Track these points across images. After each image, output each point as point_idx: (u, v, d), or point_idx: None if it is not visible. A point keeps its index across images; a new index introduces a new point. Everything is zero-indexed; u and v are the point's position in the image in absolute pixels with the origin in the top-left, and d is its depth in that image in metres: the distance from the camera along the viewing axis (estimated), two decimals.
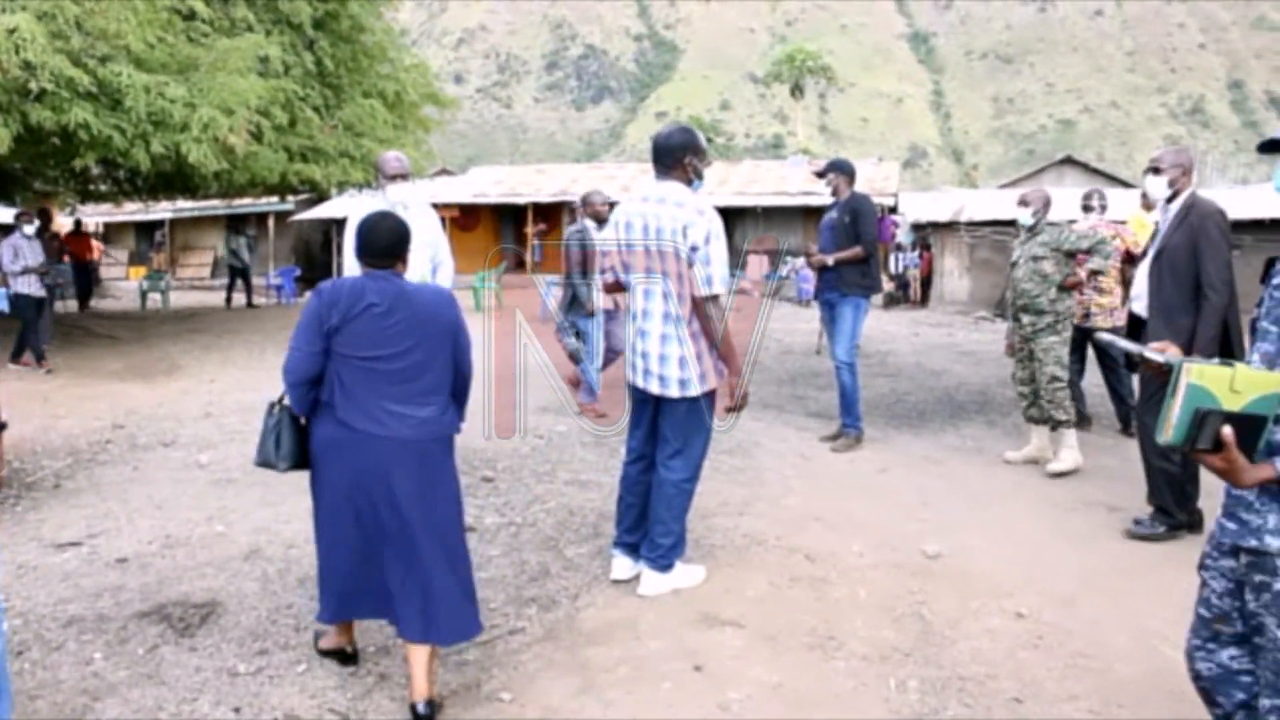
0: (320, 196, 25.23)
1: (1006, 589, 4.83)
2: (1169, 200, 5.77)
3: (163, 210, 29.60)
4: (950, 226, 25.50)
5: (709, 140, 38.38)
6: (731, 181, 31.98)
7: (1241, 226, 22.72)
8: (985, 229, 24.73)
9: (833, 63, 64.60)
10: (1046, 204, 7.41)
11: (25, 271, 11.96)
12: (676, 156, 4.62)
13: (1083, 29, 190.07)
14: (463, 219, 30.13)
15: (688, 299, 4.51)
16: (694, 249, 4.45)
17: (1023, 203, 7.42)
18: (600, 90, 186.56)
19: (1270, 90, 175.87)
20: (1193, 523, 5.78)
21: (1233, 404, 2.36)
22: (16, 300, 12.08)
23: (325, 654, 4.00)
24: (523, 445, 7.48)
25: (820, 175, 8.00)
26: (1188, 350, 5.12)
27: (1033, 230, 7.32)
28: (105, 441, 7.83)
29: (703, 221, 4.46)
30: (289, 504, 5.95)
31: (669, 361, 4.53)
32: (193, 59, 11.85)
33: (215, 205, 27.92)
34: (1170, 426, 2.41)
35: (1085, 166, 36.45)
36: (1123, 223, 9.22)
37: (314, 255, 32.39)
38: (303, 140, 14.60)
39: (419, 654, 3.58)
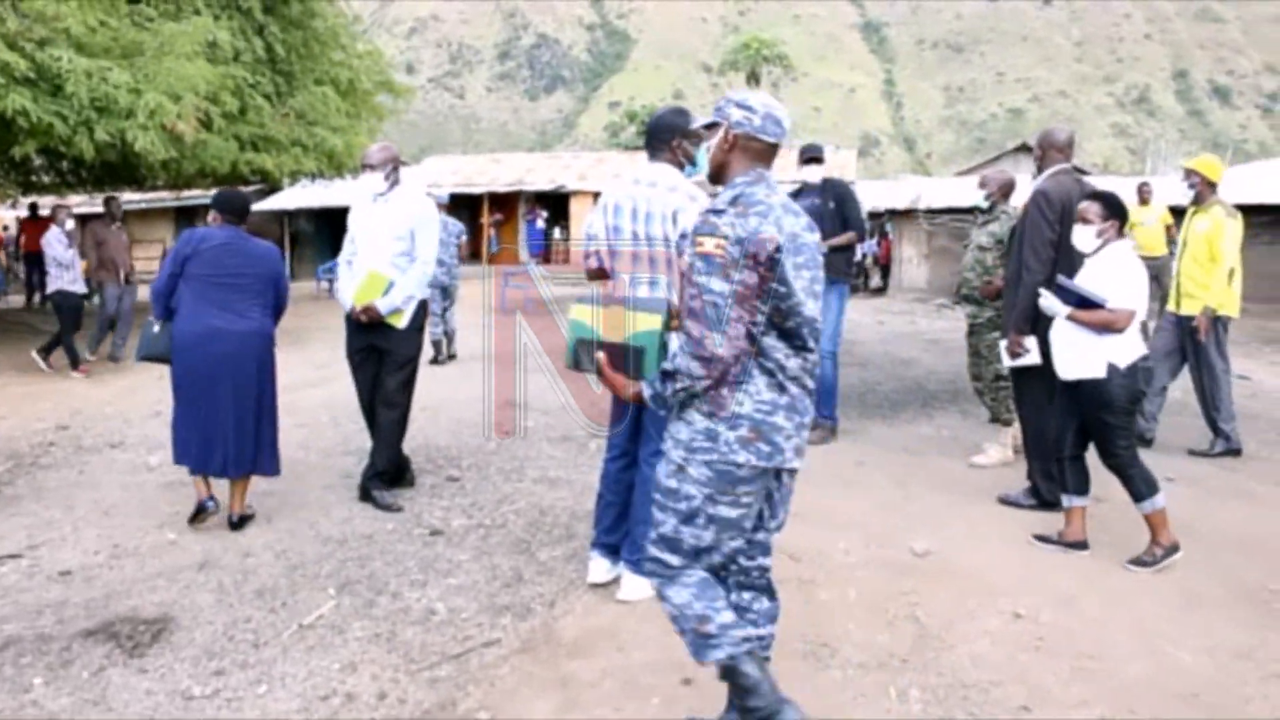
0: (273, 187, 24.73)
1: (1001, 587, 4.64)
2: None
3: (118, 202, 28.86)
4: (909, 214, 25.46)
5: None
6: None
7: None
8: (943, 216, 24.72)
9: (786, 52, 64.47)
10: (1005, 188, 7.17)
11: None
12: (665, 138, 4.42)
13: (1032, 19, 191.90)
14: None
15: (677, 289, 4.25)
16: (684, 235, 4.18)
17: (980, 183, 7.20)
18: (553, 80, 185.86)
19: (1213, 80, 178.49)
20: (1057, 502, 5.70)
21: (614, 336, 3.15)
22: (57, 297, 11.38)
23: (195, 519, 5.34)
24: (488, 442, 7.22)
25: (819, 161, 7.68)
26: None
27: (988, 213, 7.10)
28: (48, 444, 7.47)
29: (694, 208, 4.18)
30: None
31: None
32: (137, 43, 11.41)
33: (164, 197, 27.30)
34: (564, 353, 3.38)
35: None
36: None
37: None
38: (254, 128, 14.18)
39: (239, 485, 5.41)
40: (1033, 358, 5.77)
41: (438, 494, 5.94)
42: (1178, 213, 15.76)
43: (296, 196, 28.81)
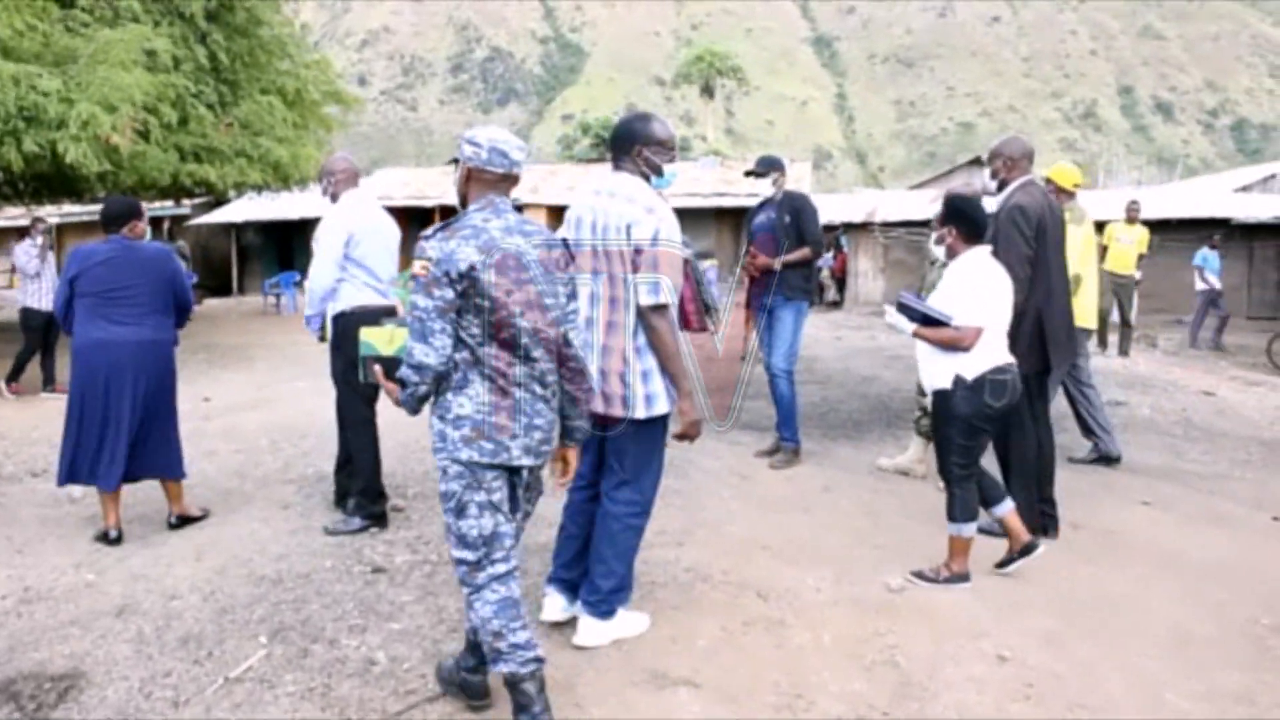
0: (218, 200, 24.16)
1: (982, 626, 4.36)
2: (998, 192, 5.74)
3: (46, 214, 28.13)
4: (864, 227, 25.38)
5: None
6: None
7: (1150, 226, 22.95)
8: (898, 229, 24.65)
9: (740, 65, 64.50)
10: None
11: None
12: (625, 147, 4.08)
13: (981, 34, 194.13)
14: None
15: (634, 307, 3.92)
16: (639, 251, 3.86)
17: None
18: (506, 93, 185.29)
19: (1156, 96, 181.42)
20: (1046, 527, 5.62)
21: (387, 351, 3.57)
22: (23, 314, 10.71)
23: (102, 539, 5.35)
24: (434, 468, 6.83)
25: (759, 175, 7.39)
26: None
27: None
28: None
29: (650, 220, 3.88)
30: (173, 545, 5.27)
31: (610, 377, 3.94)
32: (70, 50, 10.96)
33: None
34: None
35: None
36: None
37: (215, 261, 31.13)
38: (196, 139, 13.75)
39: (171, 487, 5.65)
40: None
41: (381, 526, 5.58)
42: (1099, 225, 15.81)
43: (243, 209, 28.23)
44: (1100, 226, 16.47)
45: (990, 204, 5.94)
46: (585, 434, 3.60)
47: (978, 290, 4.76)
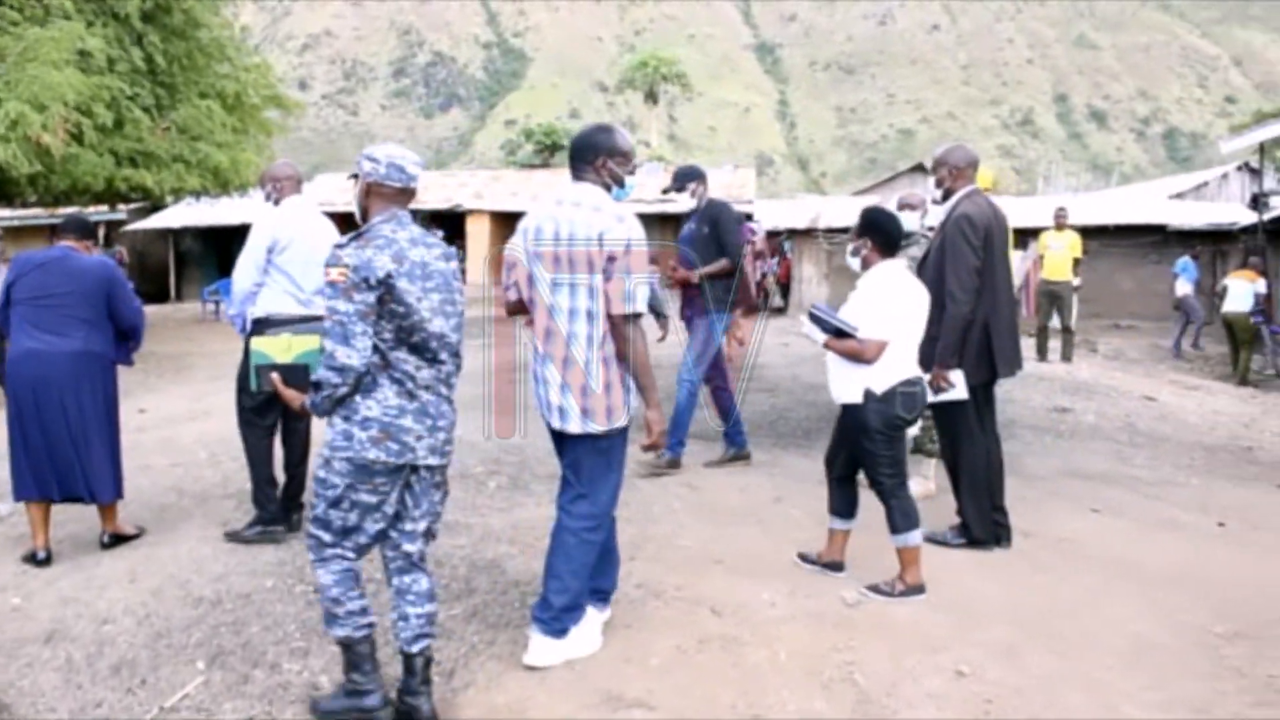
0: (155, 205, 23.70)
1: (940, 640, 4.30)
2: (943, 201, 5.72)
3: None
4: (808, 233, 25.48)
5: (559, 147, 37.79)
6: None
7: (1088, 232, 23.31)
8: (842, 235, 24.76)
9: (684, 71, 64.59)
10: (925, 209, 6.93)
11: None
12: (588, 158, 4.03)
13: (920, 42, 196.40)
14: None
15: (601, 317, 3.86)
16: (611, 259, 3.81)
17: (908, 206, 6.87)
18: (448, 98, 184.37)
19: (1091, 104, 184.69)
20: (1000, 536, 5.65)
21: (284, 358, 3.63)
22: None
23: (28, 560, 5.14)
24: None
25: (678, 190, 7.25)
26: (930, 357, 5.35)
27: (908, 237, 6.78)
28: None
29: (621, 229, 3.85)
30: (105, 566, 5.07)
31: (570, 391, 3.89)
32: None
33: (38, 214, 25.98)
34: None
35: None
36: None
37: (152, 268, 30.52)
38: (132, 143, 13.44)
39: (109, 509, 5.41)
40: (959, 392, 5.50)
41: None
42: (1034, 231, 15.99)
43: (182, 215, 27.73)
44: (1035, 234, 16.78)
45: (936, 213, 5.91)
46: None
47: (886, 304, 4.73)
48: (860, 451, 4.87)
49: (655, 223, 28.59)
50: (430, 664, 3.55)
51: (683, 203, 7.43)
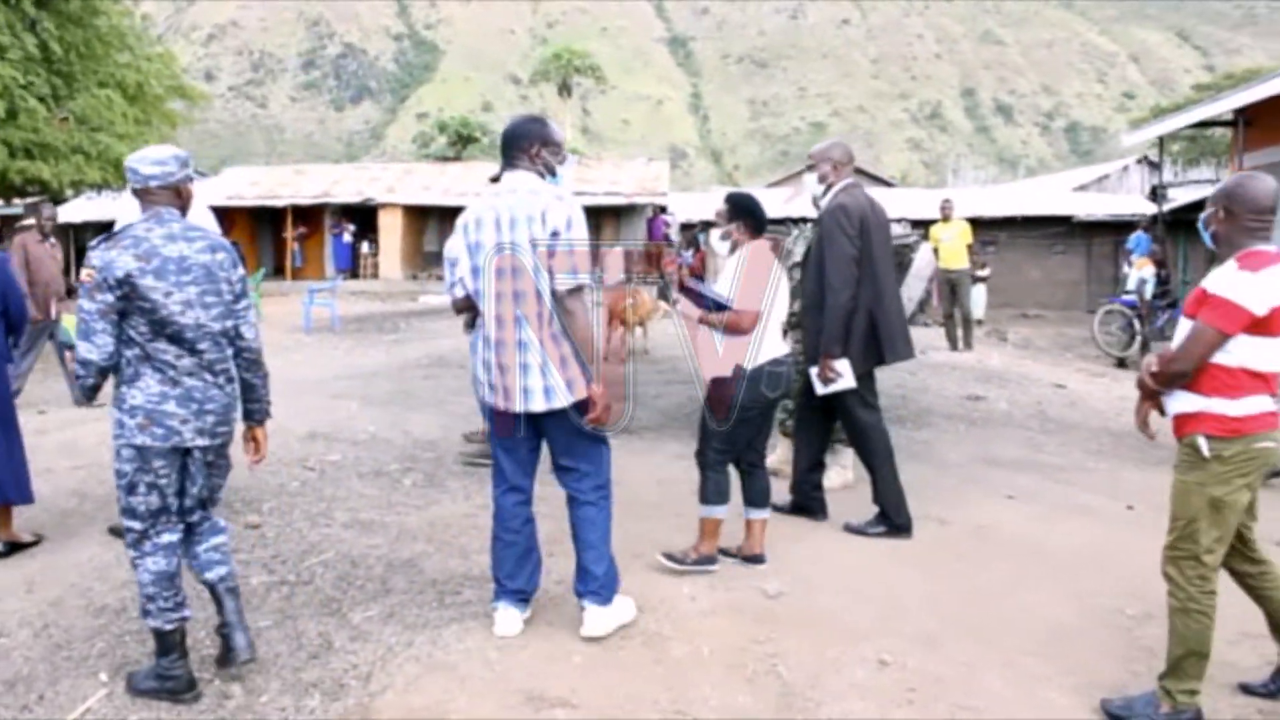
0: (54, 199, 22.95)
1: (862, 630, 4.31)
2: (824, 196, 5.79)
3: None
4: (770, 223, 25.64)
5: (472, 140, 37.34)
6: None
7: (996, 224, 23.77)
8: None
9: (597, 63, 64.47)
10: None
11: None
12: (523, 147, 4.11)
13: (831, 37, 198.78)
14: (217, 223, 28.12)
15: (548, 295, 3.96)
16: (555, 234, 3.92)
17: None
18: (360, 90, 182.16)
19: (998, 98, 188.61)
20: (907, 526, 5.69)
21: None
22: None
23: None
24: (291, 480, 6.52)
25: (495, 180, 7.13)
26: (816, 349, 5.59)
27: (810, 222, 6.82)
28: None
29: (562, 207, 3.96)
30: (0, 576, 4.86)
31: (531, 370, 3.99)
32: None
33: None
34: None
35: None
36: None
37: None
38: (26, 134, 12.99)
39: (3, 516, 5.20)
40: (846, 381, 5.57)
41: (234, 545, 5.22)
42: (972, 223, 16.38)
43: (82, 209, 26.91)
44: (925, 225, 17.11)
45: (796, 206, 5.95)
46: (264, 415, 3.95)
47: (757, 278, 4.82)
48: (702, 421, 4.93)
49: None
50: (237, 594, 3.77)
51: (600, 192, 7.33)
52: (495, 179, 7.21)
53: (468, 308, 4.24)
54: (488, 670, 3.84)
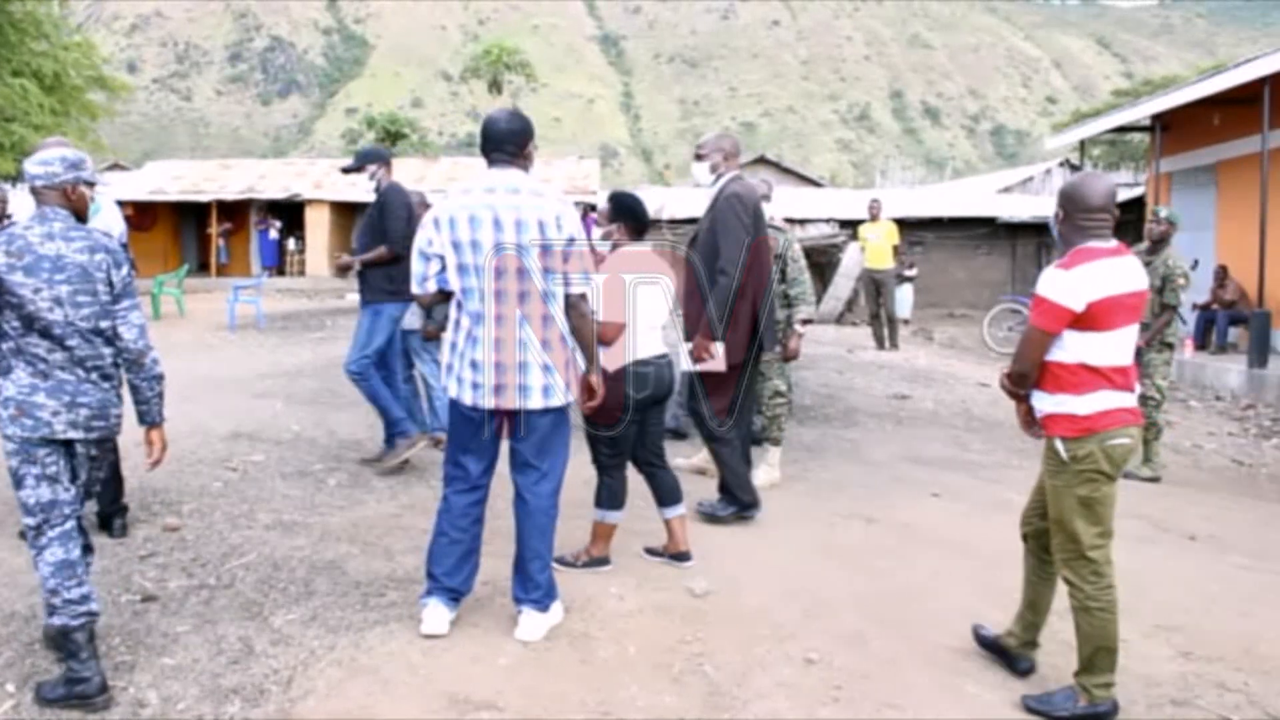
0: None
1: (788, 628, 4.31)
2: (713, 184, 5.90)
3: None
4: (653, 224, 25.64)
5: (401, 136, 36.96)
6: (430, 179, 30.88)
7: (923, 225, 24.08)
8: (685, 226, 24.97)
9: (529, 60, 64.20)
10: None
11: None
12: (519, 143, 4.10)
13: (762, 38, 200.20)
14: (138, 218, 27.47)
15: (560, 297, 4.06)
16: (571, 240, 3.99)
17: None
18: (288, 84, 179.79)
19: (925, 101, 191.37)
20: (754, 502, 5.85)
21: None
22: None
23: None
24: (213, 481, 6.37)
25: (356, 170, 6.91)
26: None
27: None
28: None
29: (572, 212, 4.07)
30: None
31: (530, 369, 4.01)
32: None
33: None
34: None
35: (778, 166, 37.75)
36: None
37: None
38: None
39: None
40: (717, 364, 5.65)
41: (153, 548, 5.11)
42: (899, 223, 16.62)
43: None
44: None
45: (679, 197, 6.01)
46: (154, 418, 3.87)
47: (617, 287, 4.77)
48: (587, 425, 4.88)
49: None
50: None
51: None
52: (346, 171, 7.07)
53: (437, 303, 4.21)
54: (412, 673, 3.78)
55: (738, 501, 5.81)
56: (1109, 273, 3.56)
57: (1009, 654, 4.05)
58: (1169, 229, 7.81)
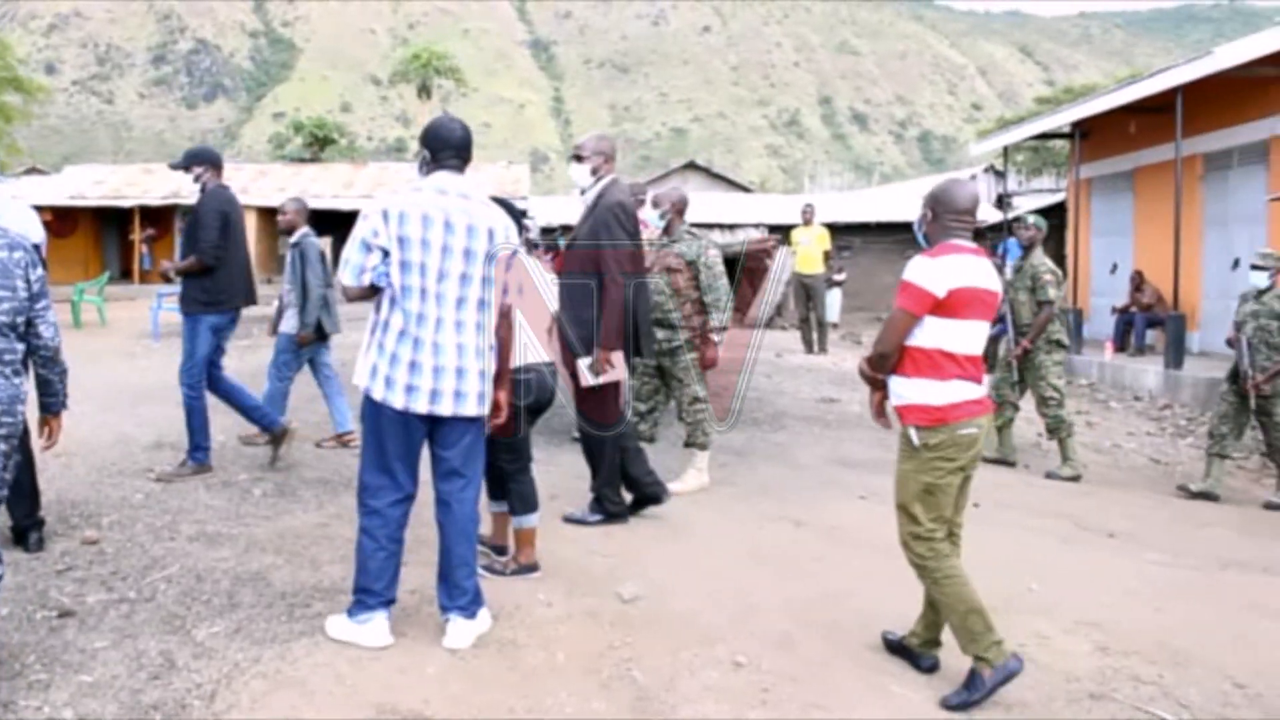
0: None
1: (716, 632, 4.34)
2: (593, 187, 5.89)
3: None
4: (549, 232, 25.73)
5: (330, 141, 36.55)
6: (358, 184, 30.65)
7: (852, 230, 24.36)
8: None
9: (458, 65, 63.85)
10: (679, 205, 6.95)
11: None
12: (469, 152, 4.25)
13: (692, 43, 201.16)
14: (57, 224, 26.85)
15: (496, 307, 4.15)
16: (514, 253, 4.21)
17: (654, 203, 6.91)
18: (213, 87, 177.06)
19: (854, 107, 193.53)
20: (621, 513, 5.91)
21: None
22: None
23: None
24: (134, 492, 6.25)
25: (184, 170, 6.77)
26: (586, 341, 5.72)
27: (666, 232, 6.86)
28: None
29: (512, 224, 4.22)
30: None
31: (468, 376, 4.03)
32: None
33: None
34: None
35: (708, 172, 37.89)
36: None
37: None
38: None
39: None
40: (618, 374, 5.70)
41: (70, 562, 4.99)
42: (828, 228, 16.75)
43: None
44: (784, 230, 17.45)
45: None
46: (60, 406, 4.08)
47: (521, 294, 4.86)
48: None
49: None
50: None
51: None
52: (174, 168, 6.94)
53: (364, 298, 4.09)
54: (339, 684, 3.74)
55: (604, 510, 5.87)
56: (970, 267, 3.80)
57: (912, 653, 4.16)
58: (1037, 234, 8.46)
